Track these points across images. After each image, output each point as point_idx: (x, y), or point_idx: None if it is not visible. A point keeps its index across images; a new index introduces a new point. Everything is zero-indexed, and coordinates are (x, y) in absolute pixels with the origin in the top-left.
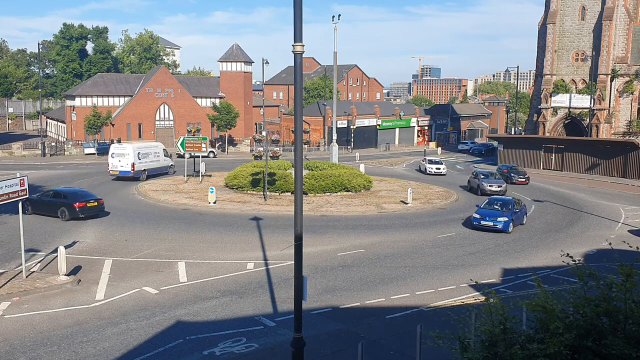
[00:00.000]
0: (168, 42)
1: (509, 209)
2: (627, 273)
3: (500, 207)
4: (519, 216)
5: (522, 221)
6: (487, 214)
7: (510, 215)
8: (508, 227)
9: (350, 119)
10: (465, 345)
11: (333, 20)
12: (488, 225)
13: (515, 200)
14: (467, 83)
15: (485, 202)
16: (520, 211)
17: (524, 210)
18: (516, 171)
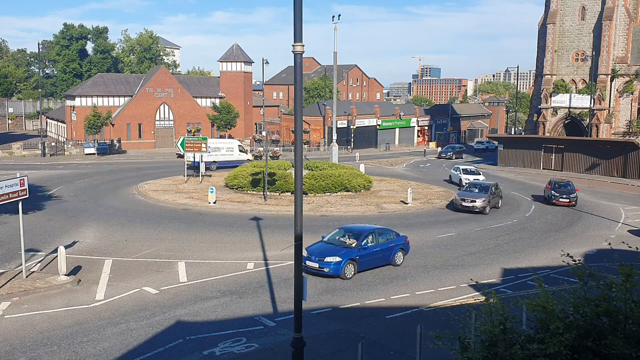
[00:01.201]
0: (168, 42)
1: (486, 192)
2: (627, 273)
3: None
4: (495, 199)
5: (498, 204)
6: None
7: (487, 196)
8: (485, 210)
9: (350, 119)
10: (465, 345)
11: (333, 20)
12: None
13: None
14: (467, 83)
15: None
16: (495, 195)
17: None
18: (561, 186)
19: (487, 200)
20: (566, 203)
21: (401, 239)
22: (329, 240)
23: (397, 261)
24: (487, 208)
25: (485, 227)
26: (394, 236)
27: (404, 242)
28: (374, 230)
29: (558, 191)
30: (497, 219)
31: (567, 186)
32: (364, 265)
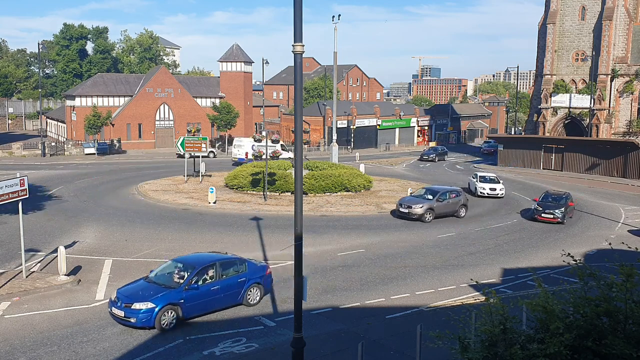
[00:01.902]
0: (168, 42)
1: (431, 199)
2: (627, 273)
3: (427, 196)
4: (449, 206)
5: (459, 213)
6: (408, 202)
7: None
8: (424, 217)
9: (350, 119)
10: (465, 345)
11: (333, 20)
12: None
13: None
14: (467, 83)
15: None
16: (452, 202)
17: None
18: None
19: (429, 208)
20: (549, 219)
21: (258, 271)
22: (155, 275)
23: (251, 300)
24: (427, 216)
25: (485, 227)
26: (246, 268)
27: (262, 275)
28: (215, 262)
29: (543, 205)
30: (497, 219)
31: (559, 199)
32: (193, 310)
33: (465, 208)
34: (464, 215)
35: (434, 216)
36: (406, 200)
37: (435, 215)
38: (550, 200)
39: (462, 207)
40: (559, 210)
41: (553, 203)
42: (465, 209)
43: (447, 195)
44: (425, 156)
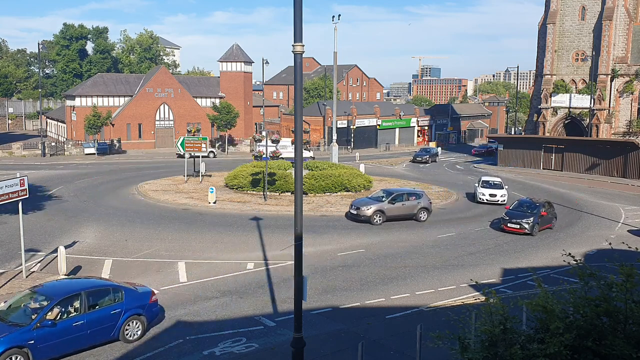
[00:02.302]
0: (168, 42)
1: (382, 199)
2: (627, 273)
3: (382, 197)
4: (406, 209)
5: (419, 217)
6: (362, 203)
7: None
8: (373, 220)
9: (350, 119)
10: (465, 345)
11: (333, 20)
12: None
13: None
14: (467, 83)
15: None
16: (411, 205)
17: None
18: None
19: (378, 209)
20: (515, 230)
21: (138, 299)
22: (7, 309)
23: (129, 335)
24: (375, 218)
25: (485, 227)
26: (123, 297)
27: (144, 305)
28: (80, 292)
29: (511, 213)
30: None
31: (532, 208)
32: (48, 353)
33: (426, 212)
34: (425, 219)
35: (384, 219)
36: (357, 201)
37: (386, 218)
38: (520, 209)
39: (423, 210)
40: (526, 220)
41: (522, 212)
42: (427, 213)
43: (403, 197)
44: (419, 158)
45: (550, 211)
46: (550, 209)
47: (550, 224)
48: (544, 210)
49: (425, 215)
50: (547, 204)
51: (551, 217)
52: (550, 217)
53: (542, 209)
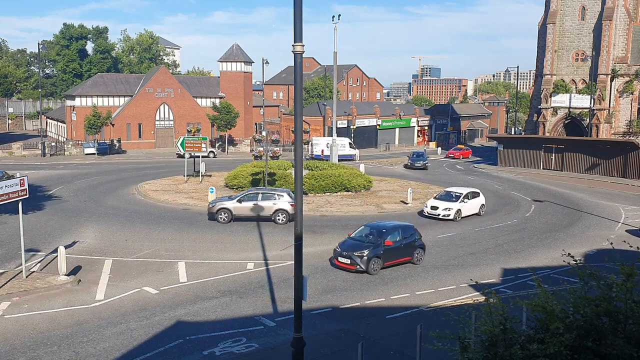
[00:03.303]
0: (168, 42)
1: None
2: (627, 273)
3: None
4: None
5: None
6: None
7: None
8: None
9: (350, 119)
10: (465, 345)
11: (333, 20)
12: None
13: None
14: (467, 83)
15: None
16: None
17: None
18: (367, 234)
19: (226, 208)
20: (346, 266)
21: None
22: None
23: None
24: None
25: (485, 227)
26: None
27: None
28: None
29: (348, 244)
30: (497, 219)
31: (378, 235)
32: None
33: (422, 250)
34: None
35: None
36: (344, 245)
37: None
38: (360, 238)
39: (418, 249)
40: (359, 253)
41: (360, 242)
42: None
43: (395, 235)
44: (417, 164)
45: (410, 240)
46: (408, 239)
47: (407, 257)
48: (388, 239)
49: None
50: (400, 229)
51: (407, 248)
52: (404, 247)
53: (388, 237)
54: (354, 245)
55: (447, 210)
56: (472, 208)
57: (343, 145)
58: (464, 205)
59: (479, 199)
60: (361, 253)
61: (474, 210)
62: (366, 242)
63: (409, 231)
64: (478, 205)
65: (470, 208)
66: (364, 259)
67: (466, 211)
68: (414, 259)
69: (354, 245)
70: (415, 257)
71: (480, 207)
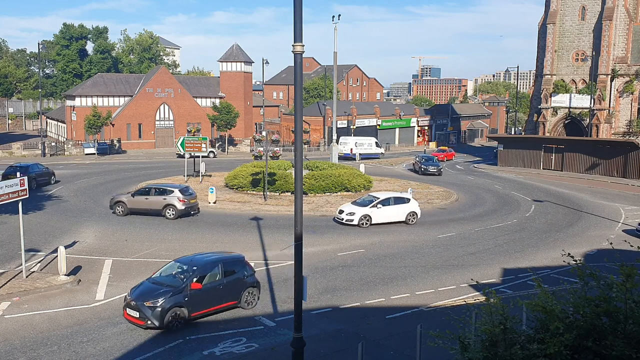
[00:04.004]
0: (168, 42)
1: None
2: (627, 273)
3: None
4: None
5: (245, 304)
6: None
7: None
8: None
9: (350, 119)
10: (466, 345)
11: (333, 20)
12: None
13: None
14: (467, 83)
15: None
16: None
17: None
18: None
19: (121, 201)
20: (135, 320)
21: None
22: None
23: None
24: None
25: (485, 227)
26: None
27: None
28: None
29: (144, 289)
30: (497, 219)
31: (188, 272)
32: None
33: (255, 289)
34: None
35: None
36: (138, 292)
37: None
38: (163, 279)
39: (250, 289)
40: (151, 302)
41: (158, 287)
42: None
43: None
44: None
45: (235, 277)
46: (232, 276)
47: (231, 301)
48: (196, 281)
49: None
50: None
51: (231, 289)
52: (224, 289)
53: (196, 278)
54: (149, 291)
55: (350, 215)
56: (391, 215)
57: (370, 144)
58: (375, 211)
59: (407, 205)
60: (154, 302)
61: (395, 218)
62: (165, 286)
63: (235, 265)
64: (404, 212)
65: (388, 215)
66: (156, 312)
67: (380, 218)
68: (242, 302)
69: (149, 290)
70: (243, 300)
71: (408, 215)
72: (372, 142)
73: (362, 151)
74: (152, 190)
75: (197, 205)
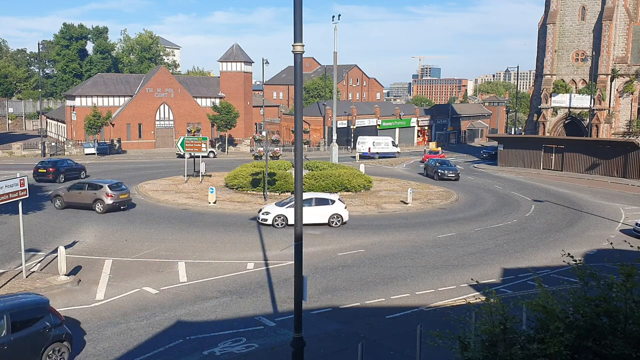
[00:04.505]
0: (168, 42)
1: None
2: (627, 273)
3: None
4: None
5: None
6: None
7: None
8: None
9: (350, 119)
10: (466, 345)
11: (333, 20)
12: None
13: None
14: (467, 83)
15: None
16: None
17: None
18: None
19: (59, 195)
20: None
21: None
22: None
23: None
24: None
25: (485, 227)
26: None
27: None
28: None
29: None
30: (497, 219)
31: None
32: None
33: (66, 344)
34: None
35: None
36: None
37: None
38: None
39: (56, 344)
40: None
41: None
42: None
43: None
44: (444, 173)
45: (33, 331)
46: (24, 330)
47: None
48: None
49: None
50: None
51: (25, 349)
52: (14, 349)
53: None
54: None
55: (265, 214)
56: (311, 216)
57: (386, 143)
58: (291, 211)
59: (330, 207)
60: None
61: (316, 220)
62: None
63: (31, 314)
64: (326, 214)
65: (306, 216)
66: None
67: None
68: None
69: None
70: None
71: (330, 217)
72: (388, 141)
73: (380, 150)
74: (85, 185)
75: (130, 199)
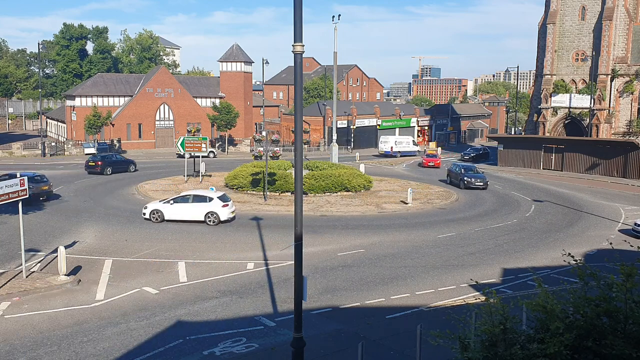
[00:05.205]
0: (168, 42)
1: None
2: (627, 273)
3: None
4: None
5: None
6: None
7: None
8: None
9: (350, 119)
10: (465, 345)
11: (333, 20)
12: None
13: None
14: (467, 83)
15: None
16: None
17: None
18: None
19: None
20: None
21: None
22: None
23: None
24: None
25: (485, 227)
26: None
27: None
28: None
29: None
30: (497, 219)
31: None
32: None
33: None
34: None
35: None
36: None
37: None
38: None
39: None
40: None
41: None
42: None
43: None
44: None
45: None
46: None
47: None
48: None
49: None
50: None
51: None
52: None
53: None
54: None
55: (145, 209)
56: (187, 213)
57: (407, 142)
58: (167, 207)
59: (206, 205)
60: None
61: (192, 216)
62: None
63: None
64: (202, 211)
65: (182, 212)
66: None
67: (174, 215)
68: None
69: None
70: None
71: (206, 215)
72: (409, 140)
73: (401, 149)
74: (5, 178)
75: (51, 191)
